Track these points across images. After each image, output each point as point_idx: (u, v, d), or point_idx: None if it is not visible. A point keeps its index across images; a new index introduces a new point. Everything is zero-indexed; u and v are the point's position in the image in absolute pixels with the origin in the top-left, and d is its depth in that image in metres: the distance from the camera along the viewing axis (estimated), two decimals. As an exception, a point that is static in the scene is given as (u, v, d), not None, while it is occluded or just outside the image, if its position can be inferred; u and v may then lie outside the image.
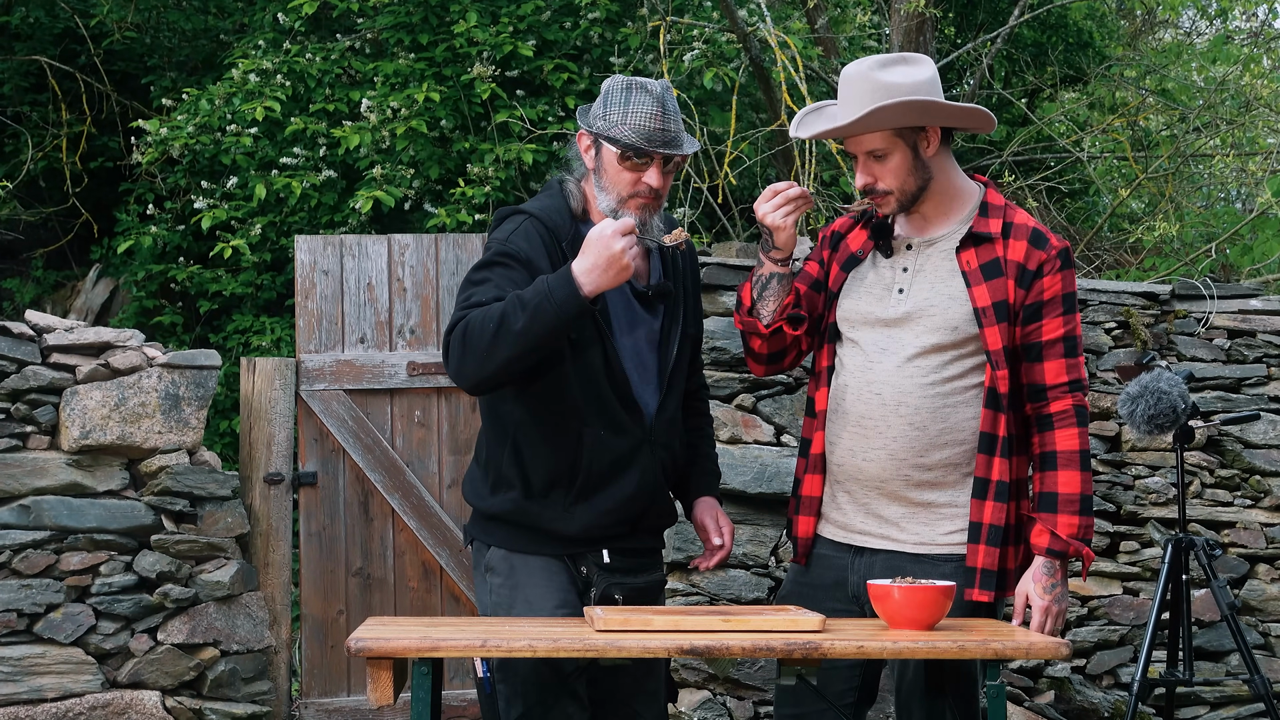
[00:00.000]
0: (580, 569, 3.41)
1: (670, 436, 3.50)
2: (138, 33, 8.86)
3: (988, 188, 3.50)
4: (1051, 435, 3.38)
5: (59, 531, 5.43)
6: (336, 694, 5.97)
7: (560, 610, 3.36)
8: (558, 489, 3.39)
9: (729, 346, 5.69)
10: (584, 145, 3.44)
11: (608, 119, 3.36)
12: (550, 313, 3.15)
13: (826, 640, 2.91)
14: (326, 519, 5.99)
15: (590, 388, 3.36)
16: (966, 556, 3.36)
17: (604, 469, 3.39)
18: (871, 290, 3.47)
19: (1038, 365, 3.39)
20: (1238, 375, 6.18)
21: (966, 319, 3.37)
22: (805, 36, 8.18)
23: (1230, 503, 6.09)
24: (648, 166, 3.35)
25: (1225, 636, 5.96)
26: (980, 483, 3.36)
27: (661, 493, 3.50)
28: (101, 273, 8.54)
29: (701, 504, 3.64)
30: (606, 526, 3.41)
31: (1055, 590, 3.36)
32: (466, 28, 7.83)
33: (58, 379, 5.46)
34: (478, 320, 3.21)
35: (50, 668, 5.39)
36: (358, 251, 6.08)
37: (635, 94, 3.35)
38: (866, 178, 3.42)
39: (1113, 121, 9.42)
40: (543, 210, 3.42)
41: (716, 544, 3.60)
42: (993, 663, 2.99)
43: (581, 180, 3.46)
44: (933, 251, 3.45)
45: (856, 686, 3.47)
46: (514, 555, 3.43)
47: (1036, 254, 3.39)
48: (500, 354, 3.19)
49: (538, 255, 3.34)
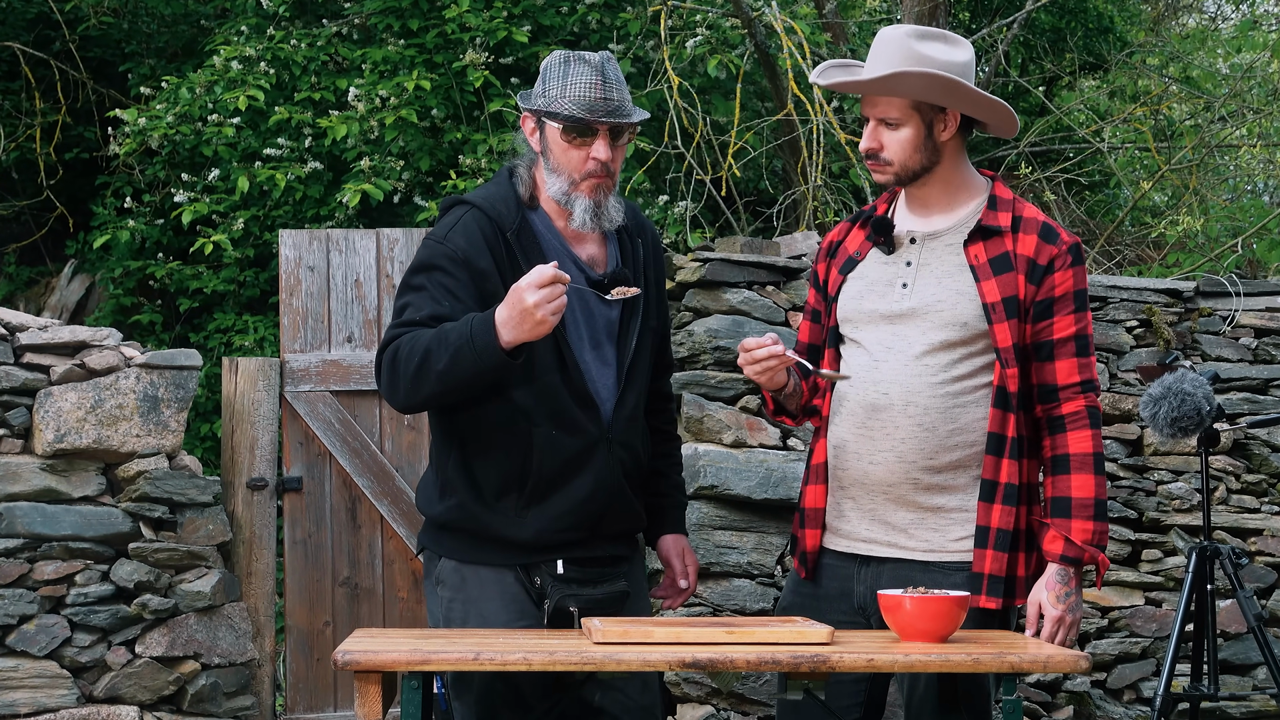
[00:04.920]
0: (534, 580, 3.36)
1: (630, 435, 3.44)
2: (115, 18, 8.86)
3: (995, 181, 3.50)
4: (1064, 438, 3.38)
5: (32, 539, 5.43)
6: (323, 709, 5.98)
7: (517, 624, 3.33)
8: (508, 494, 3.34)
9: (732, 346, 5.69)
10: (528, 129, 3.42)
11: (547, 95, 3.35)
12: (469, 359, 3.16)
13: (835, 653, 2.91)
14: (312, 526, 5.99)
15: (540, 383, 3.32)
16: (973, 562, 3.36)
17: (556, 470, 3.33)
18: (874, 287, 3.46)
19: (1049, 364, 3.39)
20: (1265, 376, 6.18)
21: (976, 315, 3.37)
22: (812, 22, 8.19)
23: (1257, 509, 6.10)
24: (593, 140, 3.33)
25: (1252, 649, 5.96)
26: (988, 485, 3.36)
27: (621, 495, 3.42)
28: (77, 269, 8.54)
29: (668, 541, 3.62)
30: (562, 531, 3.35)
31: (1069, 599, 3.35)
32: (458, 12, 7.84)
33: (31, 380, 5.46)
34: (405, 349, 3.23)
35: (24, 682, 5.39)
36: (345, 246, 6.09)
37: (573, 65, 3.34)
38: (872, 143, 3.42)
39: (1134, 111, 9.43)
40: (486, 200, 3.39)
41: (682, 586, 3.61)
42: (1009, 676, 2.99)
43: (532, 166, 3.43)
44: (938, 245, 3.44)
45: (861, 702, 3.47)
46: (465, 567, 3.39)
47: (1047, 249, 3.39)
48: (424, 389, 3.23)
49: (477, 252, 3.32)
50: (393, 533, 6.03)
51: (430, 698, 3.09)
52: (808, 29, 7.70)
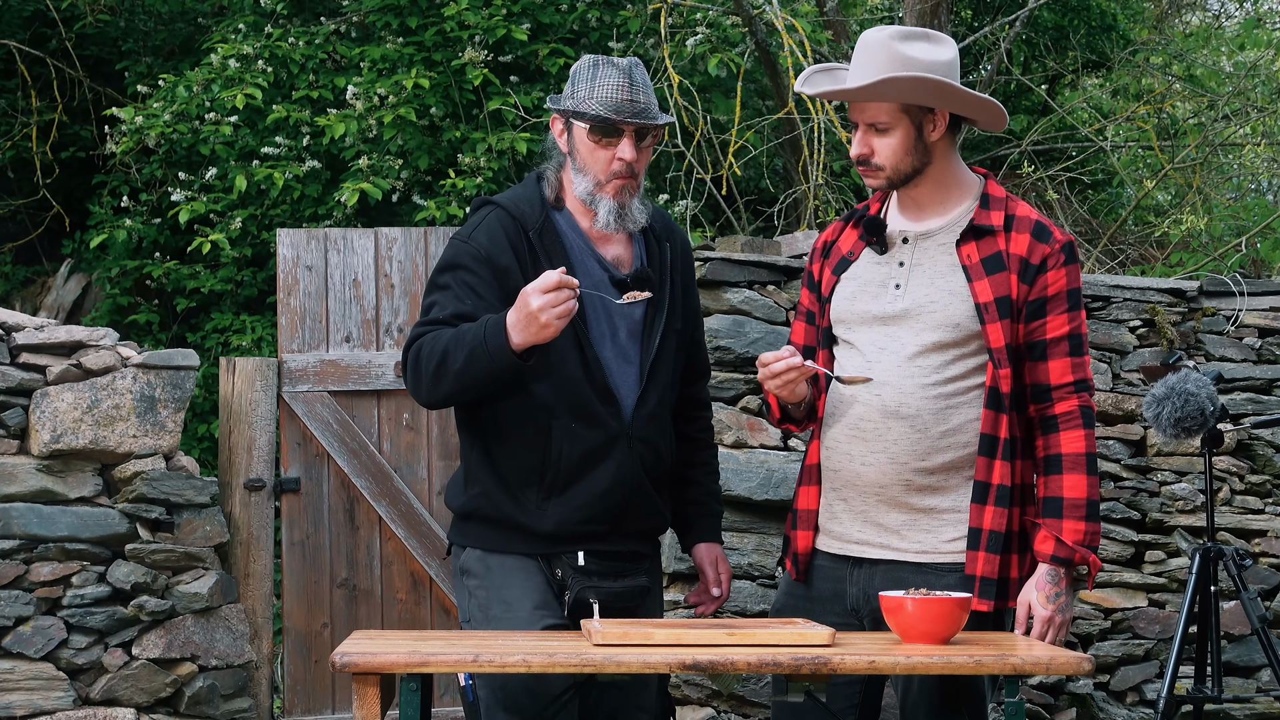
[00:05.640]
0: (555, 571, 3.44)
1: (651, 432, 3.50)
2: (111, 15, 8.87)
3: (988, 179, 3.51)
4: (1056, 438, 3.38)
5: (28, 540, 5.43)
6: (320, 711, 5.98)
7: (540, 610, 3.39)
8: (530, 485, 3.44)
9: (733, 346, 5.69)
10: (557, 129, 3.55)
11: (575, 97, 3.47)
12: (483, 360, 3.29)
13: (836, 655, 2.91)
14: (310, 527, 5.99)
15: (562, 378, 3.41)
16: (965, 564, 3.36)
17: (575, 463, 3.42)
18: (866, 288, 3.47)
19: (1042, 364, 3.40)
20: (1269, 376, 6.18)
21: (968, 315, 3.37)
22: (813, 20, 8.19)
23: (1261, 510, 6.10)
24: (619, 140, 3.44)
25: (1256, 651, 5.96)
26: (980, 486, 3.36)
27: (642, 491, 3.50)
28: (73, 268, 8.55)
29: (703, 549, 3.70)
30: (582, 523, 3.43)
31: (1059, 600, 3.35)
32: (457, 10, 7.84)
33: (27, 380, 5.46)
34: (427, 348, 3.37)
35: (19, 684, 5.39)
36: (343, 246, 6.09)
37: (602, 69, 3.47)
38: (863, 149, 3.43)
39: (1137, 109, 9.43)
40: (511, 200, 3.52)
41: (715, 594, 3.69)
42: (1010, 678, 2.99)
43: (560, 169, 3.55)
44: (930, 245, 3.45)
45: (857, 704, 3.47)
46: (490, 556, 3.47)
47: (1040, 248, 3.40)
48: (444, 388, 3.37)
49: (499, 250, 3.43)
50: (391, 534, 6.03)
51: (429, 699, 3.10)
52: (809, 27, 7.70)
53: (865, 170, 3.44)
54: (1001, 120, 3.47)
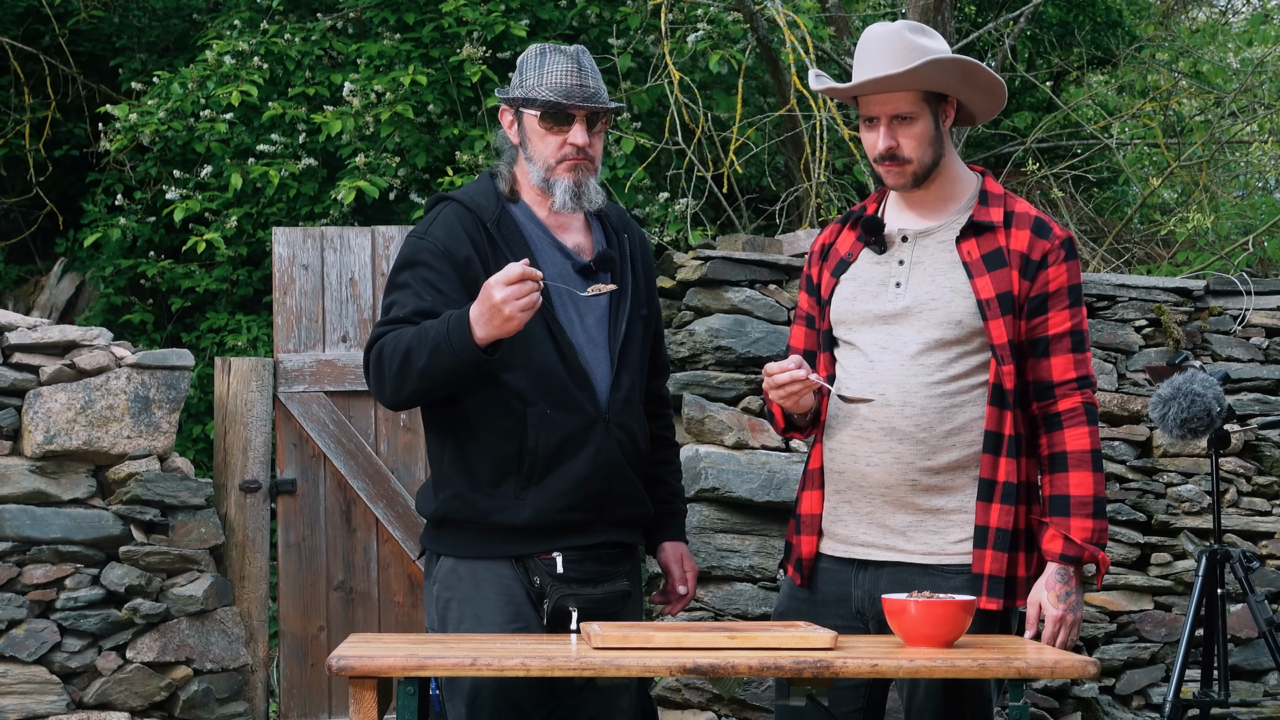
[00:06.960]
0: (533, 579, 3.40)
1: (627, 416, 3.49)
2: (105, 11, 8.86)
3: (985, 176, 3.52)
4: (1060, 435, 3.39)
5: (21, 542, 5.43)
6: (317, 715, 5.98)
7: (513, 627, 3.36)
8: (506, 477, 3.41)
9: (734, 345, 5.69)
10: (506, 121, 3.57)
11: (525, 85, 3.49)
12: (447, 355, 3.27)
13: (839, 658, 2.91)
14: (306, 529, 5.99)
15: (536, 364, 3.39)
16: (972, 563, 3.36)
17: (553, 450, 3.39)
18: (866, 287, 3.47)
19: (1044, 361, 3.40)
20: (1276, 376, 6.18)
21: (971, 312, 3.38)
22: (816, 16, 8.18)
23: (1268, 512, 6.10)
24: (570, 126, 3.46)
25: (1263, 654, 5.96)
26: (986, 484, 3.36)
27: (623, 477, 3.47)
28: (67, 267, 8.54)
29: (669, 548, 3.70)
30: (562, 512, 3.40)
31: (1070, 599, 3.36)
32: (455, 6, 7.83)
33: (20, 380, 5.46)
34: (389, 348, 3.35)
35: (12, 688, 5.39)
36: (339, 244, 6.09)
37: (550, 56, 3.49)
38: (889, 142, 3.41)
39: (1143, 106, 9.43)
40: (466, 194, 3.53)
41: (681, 592, 3.69)
42: (1015, 682, 2.99)
43: (513, 163, 3.56)
44: (930, 243, 3.45)
45: (861, 708, 3.47)
46: (462, 564, 3.43)
47: (1040, 243, 3.41)
48: (408, 386, 3.35)
49: (456, 243, 3.43)
50: (388, 536, 6.03)
51: (427, 701, 3.10)
52: (811, 23, 7.70)
53: (890, 165, 3.42)
54: (1000, 103, 3.49)
